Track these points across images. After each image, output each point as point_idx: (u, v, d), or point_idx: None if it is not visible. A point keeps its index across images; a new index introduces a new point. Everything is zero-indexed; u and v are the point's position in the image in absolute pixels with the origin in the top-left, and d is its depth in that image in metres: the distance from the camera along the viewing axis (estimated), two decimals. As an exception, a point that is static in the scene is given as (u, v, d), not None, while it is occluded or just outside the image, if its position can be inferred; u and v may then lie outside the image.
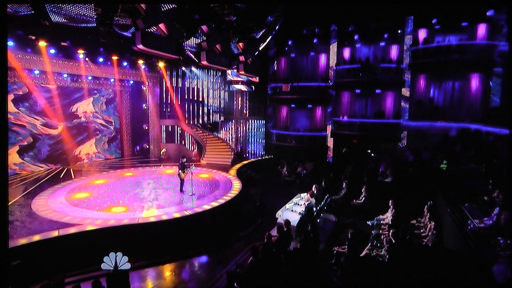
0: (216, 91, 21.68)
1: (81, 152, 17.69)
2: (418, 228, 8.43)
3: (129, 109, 19.48)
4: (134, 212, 10.14)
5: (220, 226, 10.27)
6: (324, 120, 20.33)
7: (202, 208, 10.67)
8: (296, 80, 20.18)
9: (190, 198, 11.46)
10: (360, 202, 11.65)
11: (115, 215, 9.99)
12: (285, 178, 16.32)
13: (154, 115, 19.27)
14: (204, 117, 21.02)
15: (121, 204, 10.86)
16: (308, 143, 20.08)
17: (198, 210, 10.50)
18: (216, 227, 10.17)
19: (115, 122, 19.14)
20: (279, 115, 21.71)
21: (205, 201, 11.32)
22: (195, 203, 11.07)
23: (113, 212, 10.28)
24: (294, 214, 9.75)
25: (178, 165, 12.18)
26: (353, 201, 11.82)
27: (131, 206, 10.63)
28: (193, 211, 10.39)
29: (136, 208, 10.49)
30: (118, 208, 10.52)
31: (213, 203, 11.15)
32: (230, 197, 11.90)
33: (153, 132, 19.39)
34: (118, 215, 9.95)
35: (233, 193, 12.42)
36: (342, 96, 19.73)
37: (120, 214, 10.05)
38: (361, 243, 8.33)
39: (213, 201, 11.29)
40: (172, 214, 10.08)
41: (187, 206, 10.85)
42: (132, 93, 19.52)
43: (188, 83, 20.38)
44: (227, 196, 11.94)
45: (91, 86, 17.35)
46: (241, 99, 21.07)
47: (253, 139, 21.41)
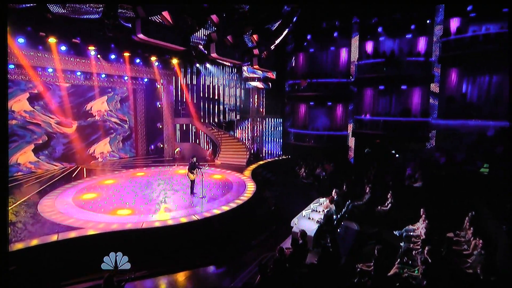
0: (232, 89, 20.88)
1: (95, 151, 17.39)
2: (457, 244, 7.09)
3: (143, 107, 19.00)
4: (140, 216, 9.46)
5: (231, 232, 9.42)
6: (345, 118, 19.08)
7: (211, 212, 9.87)
8: (315, 76, 19.04)
9: (200, 201, 10.71)
10: (385, 209, 10.38)
11: (119, 218, 9.37)
12: (303, 180, 15.23)
13: (168, 113, 18.66)
14: (219, 115, 20.27)
15: (128, 207, 10.26)
16: (327, 143, 18.90)
17: (207, 214, 9.70)
18: (226, 233, 9.32)
19: (130, 121, 18.70)
20: (297, 113, 20.68)
21: (215, 205, 10.53)
22: (204, 207, 10.29)
23: (118, 215, 9.66)
24: (311, 222, 8.70)
25: (188, 165, 11.31)
26: (377, 207, 10.57)
27: (137, 209, 10.01)
28: (201, 216, 9.60)
29: (142, 211, 9.85)
30: (124, 211, 9.92)
31: (224, 207, 10.34)
32: (242, 200, 11.07)
33: (167, 131, 18.77)
34: (123, 218, 9.33)
35: (246, 196, 11.58)
36: (364, 93, 18.36)
37: (125, 217, 9.42)
38: (388, 257, 7.11)
39: (224, 205, 10.49)
40: (179, 219, 9.30)
41: (196, 210, 10.06)
42: (146, 91, 18.99)
43: (202, 80, 19.67)
44: (240, 200, 11.11)
45: (105, 84, 16.98)
46: (258, 97, 20.16)
47: (269, 139, 20.46)
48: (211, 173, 14.76)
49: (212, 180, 13.51)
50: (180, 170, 15.39)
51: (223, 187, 12.46)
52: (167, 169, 15.63)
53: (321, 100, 19.34)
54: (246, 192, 12.02)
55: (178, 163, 16.88)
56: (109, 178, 14.02)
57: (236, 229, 9.65)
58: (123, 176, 14.40)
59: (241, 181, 13.47)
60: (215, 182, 13.29)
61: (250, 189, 12.34)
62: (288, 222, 8.89)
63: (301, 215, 9.29)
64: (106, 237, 8.28)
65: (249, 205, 11.08)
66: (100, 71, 15.46)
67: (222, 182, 13.34)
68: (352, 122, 18.45)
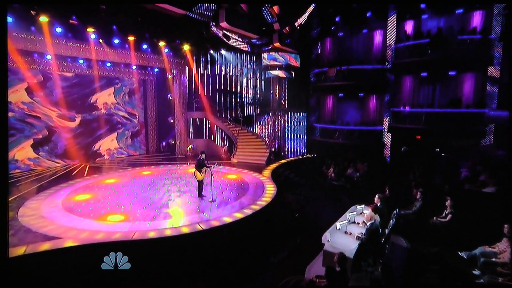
0: (250, 80, 19.28)
1: (101, 148, 16.17)
2: None
3: (154, 100, 17.84)
4: (133, 223, 7.82)
5: (244, 246, 7.65)
6: (380, 111, 16.82)
7: (221, 220, 8.09)
8: (345, 63, 16.78)
9: (209, 206, 9.08)
10: (444, 221, 7.99)
11: (108, 226, 7.78)
12: (332, 182, 13.14)
13: (180, 107, 17.37)
14: (236, 109, 18.89)
15: (122, 211, 8.71)
16: (359, 139, 16.79)
17: (215, 223, 7.92)
18: (239, 248, 7.56)
19: (139, 115, 17.53)
20: (324, 106, 18.66)
21: (226, 211, 8.79)
22: (213, 213, 8.57)
23: (108, 221, 8.08)
24: (349, 238, 6.64)
25: (195, 161, 9.79)
26: (432, 218, 8.18)
27: (133, 214, 8.41)
28: (208, 225, 7.82)
29: (138, 217, 8.25)
30: (116, 217, 8.33)
31: (237, 213, 8.58)
32: (260, 205, 9.27)
33: (179, 126, 17.53)
34: (112, 226, 7.73)
35: (264, 200, 9.78)
36: (403, 82, 15.89)
37: (115, 225, 7.81)
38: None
39: (237, 211, 8.74)
40: (180, 228, 7.56)
41: (202, 216, 8.34)
42: (157, 82, 17.78)
43: (217, 70, 18.23)
44: (256, 205, 9.31)
45: (111, 74, 15.73)
46: (279, 88, 18.12)
47: (292, 135, 18.81)
48: (225, 173, 13.40)
49: (226, 180, 12.18)
50: (191, 168, 13.85)
51: (238, 189, 10.95)
52: (177, 168, 14.39)
53: (351, 90, 17.19)
54: (264, 195, 10.27)
55: (191, 161, 15.55)
56: (111, 177, 12.63)
57: (251, 242, 7.88)
58: (126, 175, 13.04)
59: (259, 182, 11.83)
60: (228, 182, 11.88)
61: (270, 191, 10.62)
62: (315, 232, 7.59)
63: (334, 227, 7.20)
64: (85, 251, 6.60)
65: (268, 212, 9.33)
66: (104, 58, 14.04)
67: (237, 183, 11.86)
68: (388, 116, 16.19)
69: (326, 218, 8.93)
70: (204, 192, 10.05)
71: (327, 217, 8.93)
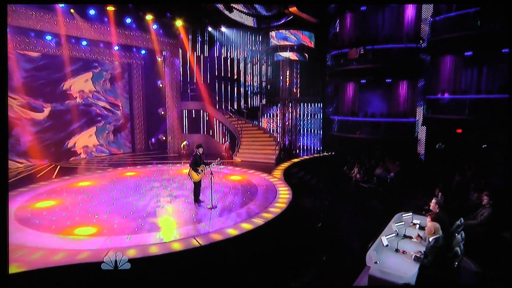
0: (256, 65, 18.40)
1: (76, 145, 15.10)
2: None
3: (141, 88, 17.19)
4: (108, 238, 6.57)
5: (255, 267, 6.47)
6: (412, 100, 15.83)
7: (223, 233, 6.94)
8: (369, 43, 15.78)
9: (208, 214, 8.01)
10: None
11: (74, 242, 6.49)
12: (361, 184, 12.10)
13: (172, 96, 16.57)
14: (239, 99, 18.32)
15: (94, 222, 7.45)
16: (386, 134, 15.83)
17: (216, 237, 6.76)
18: (247, 269, 6.40)
19: (124, 106, 16.75)
20: (343, 95, 17.70)
21: (231, 221, 7.68)
22: (213, 224, 7.43)
23: (74, 235, 6.84)
24: (403, 259, 5.40)
25: (190, 159, 8.65)
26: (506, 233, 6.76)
27: (108, 226, 7.19)
28: (207, 240, 6.62)
29: (115, 229, 7.04)
30: (86, 229, 7.08)
31: (245, 224, 7.45)
32: (273, 213, 8.15)
33: (172, 119, 16.77)
34: (79, 242, 6.45)
35: (278, 206, 8.66)
36: (441, 63, 14.61)
37: (83, 240, 6.54)
38: None
39: (244, 221, 7.62)
40: (170, 244, 6.37)
41: (199, 228, 7.19)
42: (145, 66, 17.13)
43: (217, 52, 17.44)
44: (269, 213, 8.18)
45: (87, 55, 14.64)
46: (290, 74, 16.90)
47: (305, 130, 18.27)
48: (227, 173, 12.42)
49: (229, 182, 11.22)
50: (186, 169, 13.02)
51: (244, 193, 9.92)
52: (168, 168, 13.51)
53: (377, 75, 16.14)
54: (277, 200, 9.16)
55: (185, 160, 14.82)
56: (85, 179, 11.51)
57: (263, 262, 6.65)
58: (105, 176, 11.92)
59: (270, 185, 10.81)
60: (232, 185, 10.90)
61: (284, 196, 9.54)
62: (344, 248, 7.47)
63: (379, 244, 5.84)
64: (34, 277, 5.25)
65: (284, 222, 8.15)
66: (78, 34, 12.80)
67: (243, 185, 10.88)
68: (423, 105, 15.18)
69: (354, 229, 8.53)
70: (201, 197, 8.95)
71: (356, 227, 8.57)
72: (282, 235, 7.87)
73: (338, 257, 7.46)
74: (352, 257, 7.06)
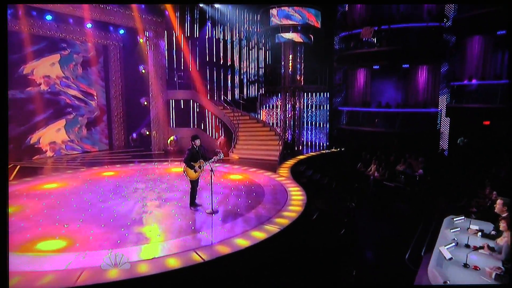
0: (252, 50, 18.12)
1: (41, 141, 14.22)
2: None
3: (120, 74, 16.68)
4: (82, 254, 5.59)
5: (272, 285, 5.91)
6: (433, 87, 15.78)
7: (232, 245, 6.11)
8: (383, 22, 15.73)
9: (209, 221, 7.26)
10: None
11: (35, 259, 5.47)
12: (385, 183, 11.51)
13: (157, 84, 16.05)
14: (234, 88, 18.13)
15: (63, 233, 6.44)
16: (403, 126, 15.80)
17: (223, 249, 5.93)
18: None
19: (99, 96, 16.19)
20: (353, 83, 17.78)
21: (238, 228, 6.92)
22: (217, 233, 6.65)
23: (36, 252, 5.79)
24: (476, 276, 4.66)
25: (185, 154, 7.84)
26: None
27: (82, 238, 6.26)
28: (211, 254, 5.77)
29: (90, 242, 6.13)
30: (51, 243, 6.07)
31: (256, 232, 6.73)
32: (289, 218, 7.46)
33: (156, 110, 16.26)
34: (42, 261, 5.41)
35: (293, 210, 8.04)
36: (468, 44, 14.42)
37: (48, 258, 5.52)
38: None
39: (254, 228, 6.90)
40: (164, 261, 5.47)
41: (200, 239, 6.40)
42: (124, 49, 16.66)
43: (209, 33, 17.00)
44: (283, 218, 7.50)
45: (53, 33, 13.75)
46: (293, 58, 16.32)
47: (310, 122, 18.06)
48: (226, 172, 11.82)
49: (229, 182, 10.69)
50: (175, 168, 12.56)
51: (248, 195, 9.26)
52: (154, 167, 12.94)
53: (393, 60, 16.17)
54: (290, 203, 8.52)
55: (173, 158, 14.42)
56: (52, 180, 10.57)
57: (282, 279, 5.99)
58: (77, 177, 11.06)
59: (278, 185, 10.23)
60: (233, 185, 10.30)
61: (297, 197, 8.93)
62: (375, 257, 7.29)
63: (439, 256, 5.16)
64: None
65: (302, 228, 7.56)
66: (40, 5, 11.94)
67: (246, 185, 10.27)
68: (446, 93, 15.24)
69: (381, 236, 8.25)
70: (198, 200, 8.07)
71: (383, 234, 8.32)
72: (301, 244, 7.21)
73: (369, 271, 6.97)
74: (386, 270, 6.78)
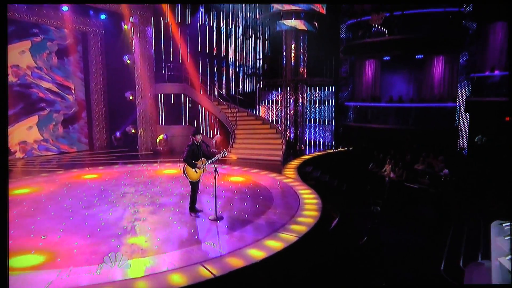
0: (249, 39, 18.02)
1: (10, 140, 13.82)
2: None
3: (102, 65, 16.36)
4: (65, 270, 5.08)
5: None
6: (450, 80, 15.89)
7: (244, 256, 5.73)
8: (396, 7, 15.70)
9: (214, 229, 6.90)
10: None
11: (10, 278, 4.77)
12: (407, 185, 11.37)
13: (145, 76, 15.74)
14: (230, 82, 18.16)
15: (40, 246, 5.96)
16: (417, 123, 15.92)
17: (234, 262, 5.50)
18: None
19: (77, 89, 15.78)
20: (360, 75, 17.97)
21: (249, 236, 6.53)
22: (225, 242, 6.33)
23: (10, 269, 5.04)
24: None
25: (184, 151, 7.43)
26: None
27: (64, 252, 5.79)
28: (222, 268, 5.32)
29: (74, 255, 5.65)
30: (26, 259, 5.55)
31: (270, 241, 6.30)
32: (307, 225, 7.13)
33: (144, 106, 16.00)
34: (15, 281, 4.83)
35: (309, 215, 7.67)
36: (490, 32, 14.56)
37: (22, 277, 5.01)
38: None
39: (268, 237, 6.46)
40: (166, 277, 5.01)
41: (205, 250, 5.99)
42: (106, 36, 16.30)
43: (201, 20, 16.87)
44: (299, 224, 7.17)
45: (23, 16, 13.27)
46: (295, 49, 16.17)
47: (314, 119, 18.13)
48: (224, 173, 11.48)
49: (230, 184, 10.53)
50: (166, 170, 12.48)
51: (255, 198, 8.99)
52: (143, 168, 12.78)
53: (406, 50, 16.20)
54: (304, 207, 8.26)
55: (163, 159, 14.33)
56: (24, 185, 10.05)
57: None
58: (55, 180, 10.60)
59: (286, 187, 10.08)
60: (235, 188, 10.07)
61: (310, 201, 8.66)
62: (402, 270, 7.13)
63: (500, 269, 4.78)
64: None
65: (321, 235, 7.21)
66: None
67: (250, 188, 10.09)
68: (467, 86, 15.25)
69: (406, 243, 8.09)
70: (199, 205, 7.67)
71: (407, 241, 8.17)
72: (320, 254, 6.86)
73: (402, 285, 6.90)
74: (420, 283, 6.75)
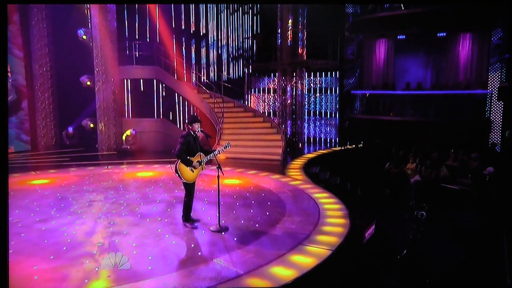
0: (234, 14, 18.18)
1: None
2: None
3: (49, 42, 16.04)
4: None
5: None
6: (479, 62, 16.19)
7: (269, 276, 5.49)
8: None
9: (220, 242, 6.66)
10: None
11: None
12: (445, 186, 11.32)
13: (106, 55, 15.55)
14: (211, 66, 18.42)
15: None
16: (438, 114, 16.12)
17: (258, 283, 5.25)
18: None
19: (16, 72, 15.53)
20: (370, 58, 18.16)
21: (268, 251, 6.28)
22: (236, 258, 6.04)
23: None
24: None
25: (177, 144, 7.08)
26: None
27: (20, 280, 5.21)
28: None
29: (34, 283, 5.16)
30: None
31: (296, 255, 6.13)
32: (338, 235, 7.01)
33: (104, 94, 15.79)
34: None
35: (334, 222, 7.68)
36: None
37: None
38: None
39: (293, 250, 6.29)
40: None
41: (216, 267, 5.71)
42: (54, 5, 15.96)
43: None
44: (326, 234, 7.12)
45: None
46: (293, 25, 16.42)
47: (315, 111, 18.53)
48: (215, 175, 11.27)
49: (226, 188, 10.27)
50: (140, 172, 12.48)
51: (261, 204, 8.99)
52: (108, 170, 12.79)
53: (425, 26, 16.36)
54: (325, 213, 8.18)
55: (130, 159, 14.52)
56: None
57: None
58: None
59: (296, 190, 10.13)
60: (234, 192, 10.08)
61: (331, 206, 8.63)
62: None
63: None
64: None
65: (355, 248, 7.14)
66: None
67: (252, 192, 10.17)
68: (500, 69, 15.49)
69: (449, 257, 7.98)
70: (194, 214, 7.29)
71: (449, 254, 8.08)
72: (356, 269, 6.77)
73: None
74: None
